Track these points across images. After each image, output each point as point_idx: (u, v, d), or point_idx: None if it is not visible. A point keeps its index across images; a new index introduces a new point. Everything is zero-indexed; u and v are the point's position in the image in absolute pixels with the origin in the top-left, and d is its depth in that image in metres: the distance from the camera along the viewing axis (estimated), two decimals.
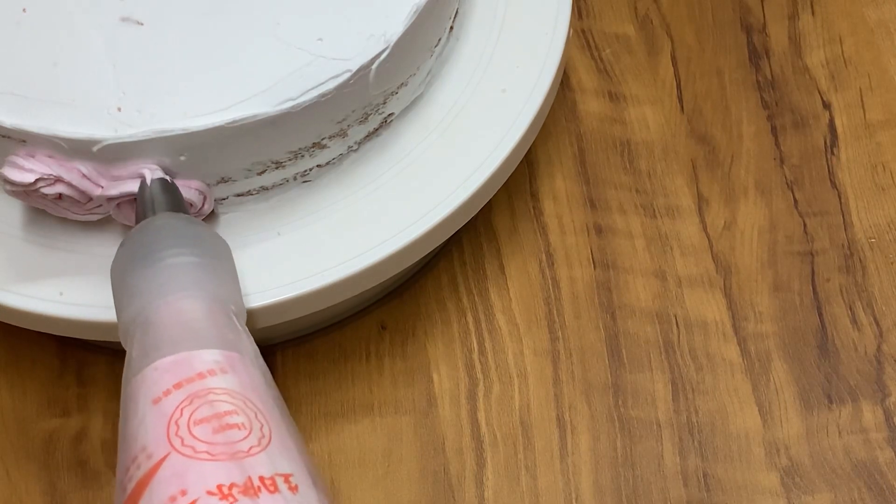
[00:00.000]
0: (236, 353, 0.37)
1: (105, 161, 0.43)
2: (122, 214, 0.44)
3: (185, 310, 0.38)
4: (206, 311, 0.39)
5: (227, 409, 0.35)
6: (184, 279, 0.39)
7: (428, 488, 0.49)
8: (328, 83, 0.44)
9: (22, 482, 0.49)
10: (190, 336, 0.38)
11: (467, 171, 0.47)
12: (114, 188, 0.43)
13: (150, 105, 0.43)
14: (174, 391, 0.36)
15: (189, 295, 0.39)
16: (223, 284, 0.40)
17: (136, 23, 0.44)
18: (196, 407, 0.35)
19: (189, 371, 0.36)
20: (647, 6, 0.61)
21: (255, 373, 0.37)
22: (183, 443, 0.34)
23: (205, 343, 0.37)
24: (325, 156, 0.46)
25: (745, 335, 0.52)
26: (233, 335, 0.38)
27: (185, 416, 0.35)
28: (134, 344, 0.38)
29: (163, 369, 0.36)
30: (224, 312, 0.39)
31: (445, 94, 0.49)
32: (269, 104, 0.43)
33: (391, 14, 0.45)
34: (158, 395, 0.36)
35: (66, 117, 0.42)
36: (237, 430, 0.35)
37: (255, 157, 0.45)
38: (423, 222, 0.46)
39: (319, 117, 0.45)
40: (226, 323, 0.39)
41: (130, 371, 0.37)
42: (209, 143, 0.43)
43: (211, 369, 0.36)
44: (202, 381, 0.36)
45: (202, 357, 0.37)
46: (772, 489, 0.48)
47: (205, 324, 0.38)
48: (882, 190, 0.55)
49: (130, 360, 0.38)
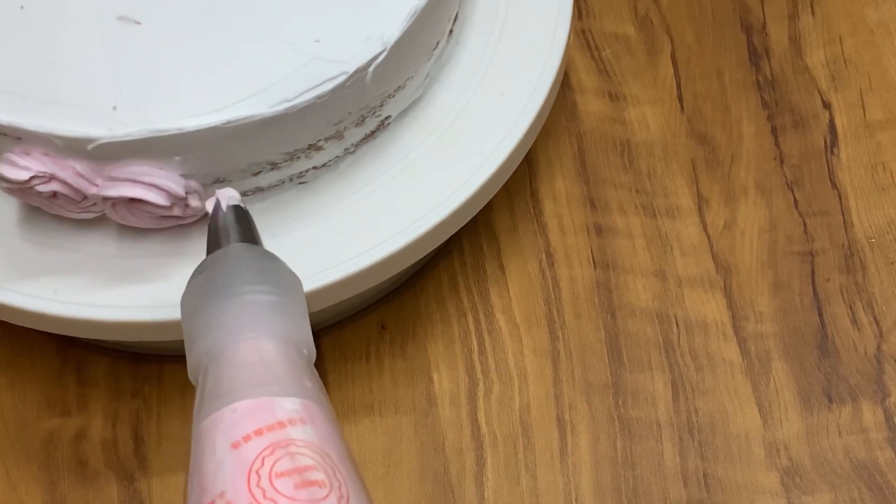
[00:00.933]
0: (315, 403, 0.36)
1: (100, 160, 0.43)
2: (117, 214, 0.44)
3: (263, 351, 0.37)
4: (284, 354, 0.37)
5: (307, 464, 0.34)
6: (263, 318, 0.38)
7: (428, 488, 0.49)
8: (324, 85, 0.44)
9: (22, 482, 0.49)
10: (270, 380, 0.36)
11: (467, 171, 0.47)
12: (109, 189, 0.43)
13: (146, 104, 0.43)
14: (255, 438, 0.34)
15: (268, 335, 0.37)
16: (298, 326, 0.39)
17: (133, 22, 0.44)
18: (277, 458, 0.34)
19: (270, 418, 0.35)
20: (647, 6, 0.61)
21: (330, 426, 0.36)
22: (265, 495, 0.33)
23: (285, 390, 0.36)
24: (321, 157, 0.46)
25: (745, 335, 0.52)
26: (310, 383, 0.37)
27: (267, 466, 0.34)
28: (207, 379, 0.37)
29: (242, 412, 0.35)
30: (300, 356, 0.38)
31: (445, 96, 0.49)
32: (265, 105, 0.43)
33: (389, 16, 0.45)
34: (238, 440, 0.34)
35: (62, 115, 0.42)
36: (318, 488, 0.33)
37: (251, 157, 0.45)
38: (422, 223, 0.46)
39: (315, 119, 0.44)
40: (304, 368, 0.37)
41: (204, 408, 0.36)
42: (205, 143, 0.43)
43: (291, 418, 0.35)
44: (283, 431, 0.35)
45: (283, 405, 0.35)
46: (772, 489, 0.48)
47: (284, 368, 0.37)
48: (882, 190, 0.55)
49: (203, 394, 0.37)
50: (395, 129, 0.48)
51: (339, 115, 0.45)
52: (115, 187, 0.43)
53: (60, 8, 0.45)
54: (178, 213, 0.44)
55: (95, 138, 0.42)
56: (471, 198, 0.47)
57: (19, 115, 0.42)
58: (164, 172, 0.43)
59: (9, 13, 0.45)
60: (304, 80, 0.43)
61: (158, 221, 0.44)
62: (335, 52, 0.44)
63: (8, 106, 0.43)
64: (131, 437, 0.50)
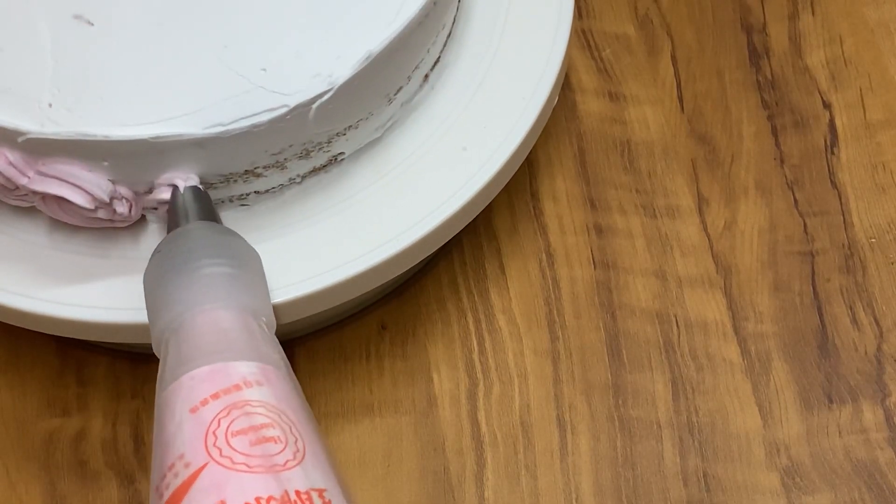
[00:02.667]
0: (271, 365, 0.38)
1: (30, 153, 0.43)
2: (47, 208, 0.44)
3: (221, 320, 0.38)
4: (241, 322, 0.39)
5: (263, 422, 0.35)
6: (220, 290, 0.39)
7: (428, 488, 0.49)
8: (262, 115, 0.43)
9: (22, 482, 0.49)
10: (227, 346, 0.38)
11: (469, 172, 0.47)
12: (38, 183, 0.43)
13: (81, 106, 0.43)
14: (212, 401, 0.36)
15: (225, 305, 0.39)
16: (256, 296, 0.40)
17: (86, 22, 0.44)
18: (234, 418, 0.35)
19: (226, 382, 0.36)
20: (647, 6, 0.61)
21: (288, 386, 0.38)
22: (221, 453, 0.34)
23: (241, 355, 0.37)
24: (262, 184, 0.46)
25: (746, 335, 0.52)
26: (267, 348, 0.38)
27: (223, 426, 0.35)
28: (169, 351, 0.38)
29: (199, 378, 0.36)
30: (258, 324, 0.39)
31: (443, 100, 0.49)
32: (198, 126, 0.43)
33: (343, 56, 0.44)
34: (196, 405, 0.36)
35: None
36: (273, 444, 0.35)
37: (182, 173, 0.44)
38: (424, 224, 0.46)
39: (250, 147, 0.44)
40: (260, 335, 0.39)
41: (165, 378, 0.37)
42: (132, 153, 0.43)
43: (247, 381, 0.36)
44: (239, 393, 0.36)
45: (239, 368, 0.37)
46: (772, 489, 0.48)
47: (241, 335, 0.38)
48: (882, 190, 0.55)
49: (165, 366, 0.38)
50: (395, 133, 0.48)
51: (277, 145, 0.44)
52: (43, 183, 0.43)
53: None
54: (103, 216, 0.44)
55: (25, 132, 0.42)
56: (472, 198, 0.47)
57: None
58: (92, 175, 0.43)
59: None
60: (242, 107, 0.43)
61: (88, 221, 0.44)
62: (279, 84, 0.43)
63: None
64: (131, 437, 0.50)
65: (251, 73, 0.44)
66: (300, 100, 0.43)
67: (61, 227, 0.46)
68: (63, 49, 0.44)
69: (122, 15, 0.45)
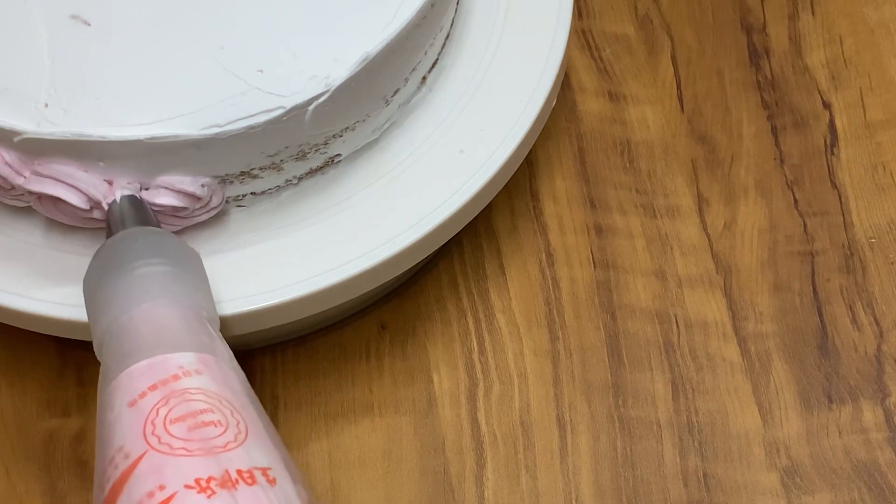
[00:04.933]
0: (210, 355, 0.38)
1: (27, 153, 0.43)
2: (43, 207, 0.44)
3: (158, 316, 0.39)
4: (178, 316, 0.39)
5: (202, 408, 0.36)
6: (155, 287, 0.40)
7: (428, 488, 0.49)
8: (258, 116, 0.43)
9: (22, 482, 0.49)
10: (164, 340, 0.38)
11: (469, 172, 0.47)
12: (33, 183, 0.43)
13: (77, 106, 0.43)
14: (149, 393, 0.36)
15: (161, 302, 0.39)
16: (194, 291, 0.41)
17: (84, 22, 0.44)
18: (172, 406, 0.36)
19: (164, 373, 0.37)
20: (647, 6, 0.61)
21: (229, 374, 0.38)
22: (160, 441, 0.35)
23: (179, 346, 0.38)
24: (259, 185, 0.46)
25: (745, 335, 0.52)
26: (206, 339, 0.39)
27: (161, 415, 0.36)
28: (109, 353, 0.39)
29: (138, 373, 0.37)
30: (197, 318, 0.40)
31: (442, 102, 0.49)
32: (194, 127, 0.43)
33: (340, 58, 0.44)
34: (134, 398, 0.36)
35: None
36: (213, 427, 0.35)
37: (178, 174, 0.44)
38: (424, 224, 0.46)
39: (247, 148, 0.44)
40: (199, 327, 0.39)
41: (106, 379, 0.38)
42: (128, 154, 0.43)
43: (186, 371, 0.37)
44: (177, 382, 0.37)
45: (177, 360, 0.37)
46: (772, 489, 0.48)
47: (178, 328, 0.39)
48: (882, 190, 0.55)
49: (106, 368, 0.38)
50: (392, 135, 0.48)
51: (273, 147, 0.45)
52: (39, 183, 0.43)
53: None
54: (99, 216, 0.44)
55: (21, 132, 0.42)
56: (469, 201, 0.47)
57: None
58: (87, 176, 0.43)
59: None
60: (239, 108, 0.43)
61: (83, 221, 0.45)
62: (276, 86, 0.43)
63: None
64: None
65: (248, 74, 0.44)
66: (296, 101, 0.43)
67: (57, 226, 0.46)
68: (60, 49, 0.44)
69: (119, 15, 0.45)
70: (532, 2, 0.52)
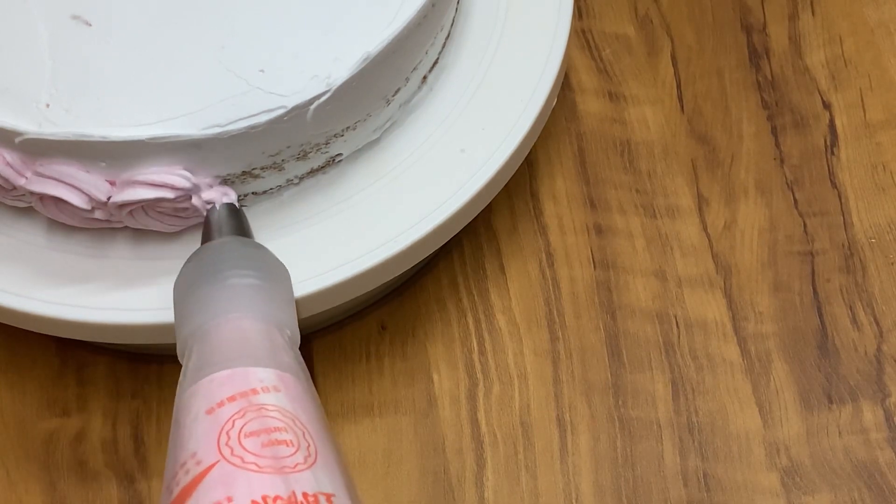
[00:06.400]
0: (289, 374, 0.38)
1: (28, 153, 0.43)
2: (44, 208, 0.44)
3: (243, 328, 0.39)
4: (263, 331, 0.40)
5: (276, 426, 0.36)
6: (244, 300, 0.40)
7: (428, 488, 0.49)
8: (260, 116, 0.43)
9: (22, 482, 0.49)
10: (247, 353, 0.39)
11: (469, 172, 0.47)
12: (35, 184, 0.43)
13: (78, 106, 0.43)
14: (228, 403, 0.37)
15: (248, 315, 0.40)
16: (281, 309, 0.41)
17: (84, 23, 0.44)
18: (248, 420, 0.36)
19: (244, 386, 0.37)
20: (647, 6, 0.61)
21: (305, 395, 0.38)
22: (232, 452, 0.35)
23: (260, 361, 0.38)
24: (260, 185, 0.46)
25: (745, 335, 0.52)
26: (287, 358, 0.39)
27: (237, 427, 0.36)
28: (192, 356, 0.39)
29: (218, 382, 0.37)
30: (280, 335, 0.40)
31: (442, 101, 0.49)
32: (195, 127, 0.43)
33: (341, 58, 0.44)
34: (212, 406, 0.37)
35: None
36: (285, 447, 0.36)
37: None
38: (424, 224, 0.46)
39: (248, 148, 0.44)
40: (281, 345, 0.40)
41: (186, 381, 0.38)
42: (129, 154, 0.43)
43: (265, 386, 0.37)
44: (255, 397, 0.37)
45: (257, 374, 0.38)
46: (772, 489, 0.48)
47: (261, 343, 0.39)
48: (882, 190, 0.55)
49: (186, 371, 0.39)
50: (393, 134, 0.48)
51: (275, 146, 0.44)
52: (40, 183, 0.43)
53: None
54: (101, 216, 0.44)
55: (23, 132, 0.42)
56: (470, 201, 0.47)
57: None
58: (89, 176, 0.43)
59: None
60: (240, 108, 0.43)
61: (85, 222, 0.45)
62: (277, 85, 0.43)
63: None
64: (131, 438, 0.50)
65: (249, 74, 0.44)
66: (298, 101, 0.43)
67: (59, 227, 0.46)
68: (61, 49, 0.44)
69: (120, 15, 0.45)
70: (532, 1, 0.52)
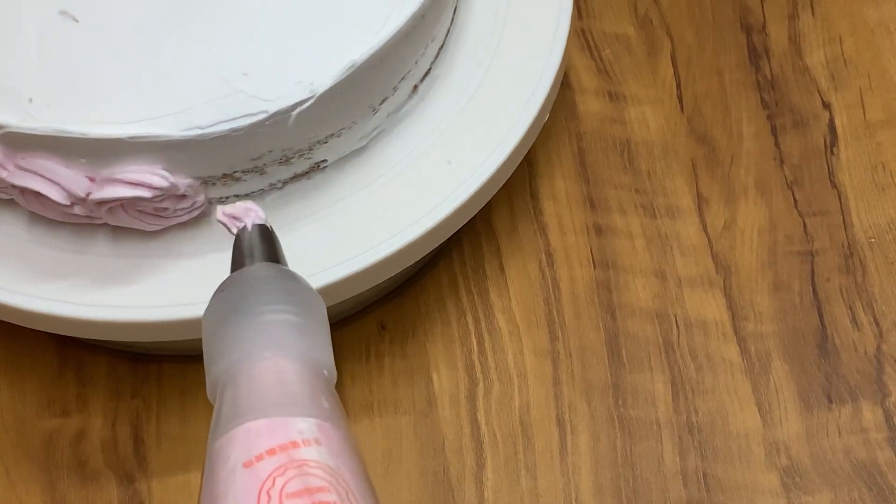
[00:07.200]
0: (330, 423, 0.36)
1: (10, 147, 0.43)
2: (26, 202, 0.44)
3: (281, 370, 0.37)
4: (302, 374, 0.37)
5: (319, 485, 0.34)
6: (282, 338, 0.38)
7: (428, 488, 0.49)
8: (241, 119, 0.43)
9: (22, 482, 0.49)
10: (286, 400, 0.36)
11: (468, 171, 0.47)
12: (17, 177, 0.43)
13: (61, 102, 0.43)
14: (267, 457, 0.34)
15: (287, 355, 0.37)
16: (318, 347, 0.38)
17: (72, 19, 0.44)
18: (289, 479, 0.34)
19: (284, 438, 0.35)
20: (647, 6, 0.61)
21: (346, 446, 0.36)
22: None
23: (301, 410, 0.36)
24: (242, 188, 0.46)
25: (745, 335, 0.52)
26: (328, 404, 0.37)
27: (278, 486, 0.34)
28: (225, 398, 0.37)
29: (256, 432, 0.35)
30: (320, 377, 0.38)
31: (443, 99, 0.49)
32: (176, 128, 0.42)
33: (326, 65, 0.44)
34: (251, 459, 0.34)
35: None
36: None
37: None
38: (423, 223, 0.46)
39: (229, 151, 0.44)
40: (322, 389, 0.37)
41: (220, 426, 0.36)
42: (109, 152, 0.43)
43: (306, 439, 0.35)
44: (296, 451, 0.35)
45: (298, 425, 0.35)
46: (772, 489, 0.48)
47: (301, 388, 0.37)
48: (882, 190, 0.55)
49: (220, 414, 0.37)
50: (381, 142, 0.48)
51: (256, 151, 0.44)
52: (22, 177, 0.43)
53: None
54: (80, 212, 0.44)
55: (4, 126, 0.42)
56: (471, 198, 0.47)
57: None
58: (70, 172, 0.43)
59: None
60: (222, 110, 0.43)
61: (65, 217, 0.45)
62: (260, 90, 0.43)
63: None
64: (131, 438, 0.50)
65: (233, 76, 0.43)
66: (280, 106, 0.43)
67: (41, 220, 0.46)
68: (48, 44, 0.44)
69: (108, 13, 0.45)
70: (530, 15, 0.51)
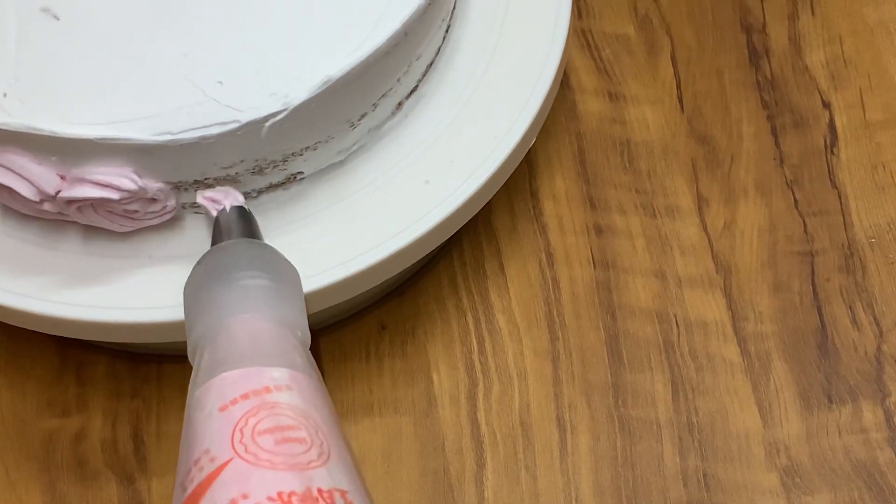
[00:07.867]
0: (302, 374, 0.39)
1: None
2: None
3: (255, 328, 0.40)
4: (274, 331, 0.40)
5: (289, 424, 0.36)
6: (256, 300, 0.40)
7: (428, 488, 0.49)
8: (212, 128, 0.43)
9: (22, 482, 0.49)
10: (260, 352, 0.39)
11: (468, 171, 0.47)
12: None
13: (35, 99, 0.43)
14: (241, 401, 0.37)
15: (260, 316, 0.40)
16: (291, 310, 0.41)
17: (53, 16, 0.44)
18: (261, 418, 0.36)
19: (256, 384, 0.37)
20: (647, 6, 0.61)
21: (317, 394, 0.39)
22: (246, 450, 0.35)
23: (273, 361, 0.39)
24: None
25: (745, 335, 0.52)
26: (299, 358, 0.39)
27: (250, 424, 0.36)
28: (204, 355, 0.39)
29: (231, 380, 0.38)
30: (292, 335, 0.40)
31: (444, 95, 0.49)
32: (146, 132, 0.42)
33: (302, 78, 0.43)
34: (226, 403, 0.37)
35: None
36: (298, 444, 0.36)
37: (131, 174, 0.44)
38: (423, 223, 0.46)
39: (200, 158, 0.44)
40: (293, 345, 0.40)
41: (198, 380, 0.39)
42: (79, 152, 0.43)
43: (277, 385, 0.37)
44: (268, 395, 0.37)
45: (270, 373, 0.38)
46: (772, 489, 0.48)
47: (273, 343, 0.40)
48: (882, 190, 0.55)
49: (199, 370, 0.39)
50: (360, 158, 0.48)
51: (228, 160, 0.44)
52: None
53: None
54: (50, 209, 0.44)
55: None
56: (471, 197, 0.47)
57: None
58: (41, 169, 0.43)
59: None
60: (193, 117, 0.43)
61: (36, 212, 0.45)
62: (233, 99, 0.43)
63: None
64: (131, 438, 0.50)
65: (207, 84, 0.43)
66: (252, 117, 0.43)
67: (14, 213, 0.46)
68: (26, 41, 0.44)
69: (89, 13, 0.44)
70: (524, 35, 0.51)
